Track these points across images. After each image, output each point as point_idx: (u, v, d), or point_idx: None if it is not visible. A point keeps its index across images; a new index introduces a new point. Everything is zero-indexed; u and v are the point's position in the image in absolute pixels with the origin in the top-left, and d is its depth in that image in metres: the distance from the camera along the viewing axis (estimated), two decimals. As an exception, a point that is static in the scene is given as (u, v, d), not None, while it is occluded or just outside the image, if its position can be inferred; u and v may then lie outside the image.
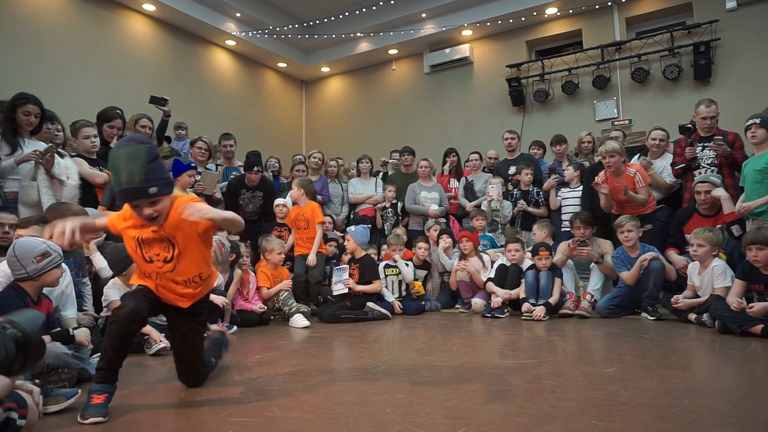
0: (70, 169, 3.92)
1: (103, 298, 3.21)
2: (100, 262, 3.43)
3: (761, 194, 3.91)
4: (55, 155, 3.74)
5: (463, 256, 5.12)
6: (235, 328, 4.05)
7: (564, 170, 5.72)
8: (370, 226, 5.62)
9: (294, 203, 5.36)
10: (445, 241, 5.49)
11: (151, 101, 5.15)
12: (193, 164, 4.89)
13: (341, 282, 4.78)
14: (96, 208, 4.03)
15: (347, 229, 5.24)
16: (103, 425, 1.74)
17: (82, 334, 2.49)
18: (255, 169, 5.44)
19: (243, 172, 5.68)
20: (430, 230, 5.79)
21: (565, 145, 6.14)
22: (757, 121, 4.06)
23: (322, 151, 6.67)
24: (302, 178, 5.44)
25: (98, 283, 3.42)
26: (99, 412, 1.78)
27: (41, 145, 3.76)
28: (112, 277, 3.33)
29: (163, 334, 3.10)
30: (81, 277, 3.26)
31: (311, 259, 5.09)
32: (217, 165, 6.20)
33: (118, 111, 4.72)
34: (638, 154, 5.31)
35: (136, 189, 1.85)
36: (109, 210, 4.06)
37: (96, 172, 4.19)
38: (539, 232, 5.08)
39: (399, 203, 6.30)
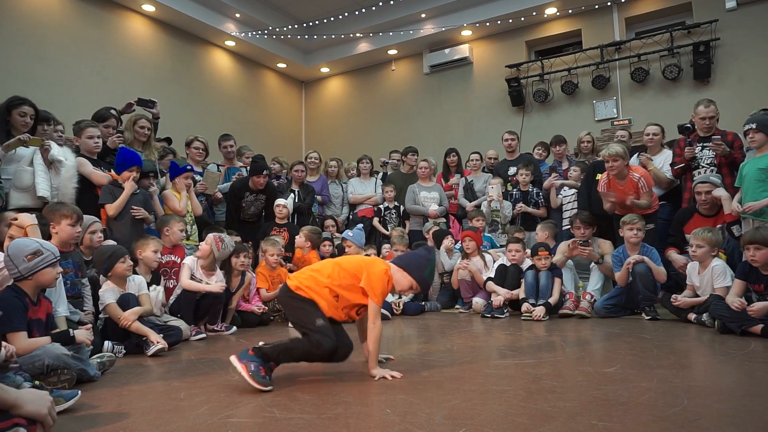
0: (66, 152, 4.00)
1: (99, 302, 3.21)
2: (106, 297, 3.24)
3: (764, 192, 3.90)
4: (49, 142, 3.80)
5: (465, 256, 5.11)
6: (234, 328, 4.05)
7: (564, 170, 5.71)
8: (361, 225, 5.59)
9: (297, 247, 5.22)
10: (449, 240, 5.47)
11: (138, 104, 5.07)
12: (189, 167, 4.89)
13: None
14: (95, 207, 4.04)
15: (344, 234, 5.20)
16: (103, 425, 1.74)
17: (83, 335, 2.49)
18: (264, 173, 5.43)
19: (247, 175, 5.66)
20: (430, 231, 5.78)
21: (565, 145, 6.13)
22: (754, 126, 4.04)
23: (319, 152, 6.68)
24: (311, 228, 5.29)
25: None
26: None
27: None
28: (104, 278, 3.32)
29: (161, 335, 3.10)
30: (80, 278, 3.26)
31: None
32: (218, 166, 6.20)
33: (112, 111, 4.75)
34: (637, 153, 5.31)
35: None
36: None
37: (98, 173, 4.19)
38: (541, 233, 5.06)
39: (402, 206, 6.28)
